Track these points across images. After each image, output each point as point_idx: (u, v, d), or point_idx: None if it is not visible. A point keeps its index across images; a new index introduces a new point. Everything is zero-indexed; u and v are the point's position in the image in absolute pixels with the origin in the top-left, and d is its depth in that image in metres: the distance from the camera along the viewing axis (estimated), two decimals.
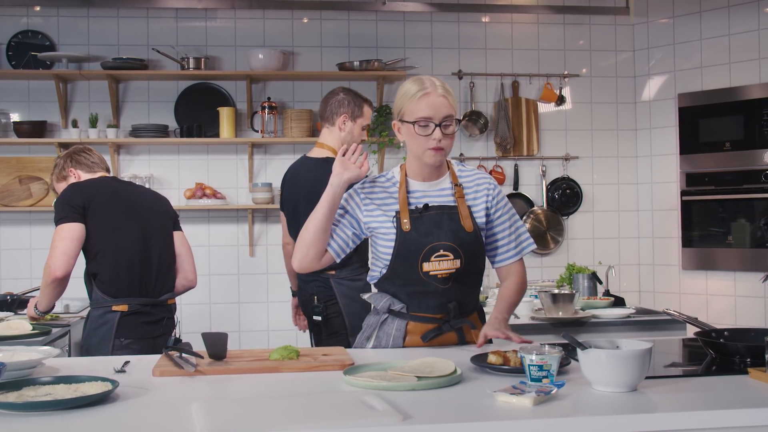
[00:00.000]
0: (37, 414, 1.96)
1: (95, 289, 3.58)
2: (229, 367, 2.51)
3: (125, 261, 3.58)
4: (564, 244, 6.41)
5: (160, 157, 6.01)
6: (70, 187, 3.64)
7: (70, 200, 3.52)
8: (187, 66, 5.85)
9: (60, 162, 3.85)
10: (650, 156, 6.40)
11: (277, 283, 5.93)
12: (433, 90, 2.71)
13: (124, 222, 3.62)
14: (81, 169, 3.81)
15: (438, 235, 2.74)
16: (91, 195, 3.57)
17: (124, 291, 3.58)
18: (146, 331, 3.60)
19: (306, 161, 4.19)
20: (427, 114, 2.69)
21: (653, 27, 6.37)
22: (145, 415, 1.98)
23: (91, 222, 3.52)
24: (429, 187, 2.83)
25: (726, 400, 2.06)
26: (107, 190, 3.67)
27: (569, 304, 4.17)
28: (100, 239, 3.54)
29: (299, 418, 1.87)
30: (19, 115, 5.90)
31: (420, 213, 2.76)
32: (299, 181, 4.14)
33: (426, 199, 2.81)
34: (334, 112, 4.12)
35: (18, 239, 5.88)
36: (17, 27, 5.89)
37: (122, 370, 2.50)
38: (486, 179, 2.88)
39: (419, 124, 2.70)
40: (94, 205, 3.54)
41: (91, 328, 3.56)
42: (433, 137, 2.69)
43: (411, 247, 2.73)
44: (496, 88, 6.33)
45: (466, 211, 2.79)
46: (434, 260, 2.73)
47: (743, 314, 5.86)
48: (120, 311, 3.53)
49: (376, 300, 2.86)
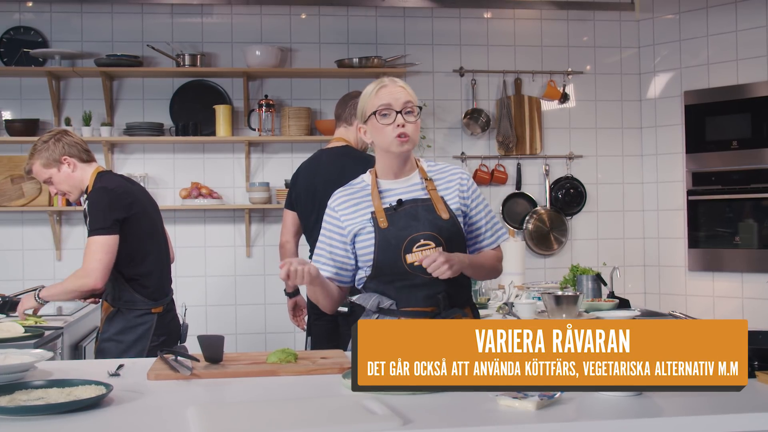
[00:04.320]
0: (29, 418, 1.97)
1: (132, 293, 3.65)
2: (226, 371, 2.51)
3: (160, 264, 3.77)
4: (567, 244, 6.36)
5: (155, 155, 5.96)
6: (103, 193, 3.58)
7: (111, 209, 3.54)
8: (183, 63, 5.81)
9: (48, 146, 3.68)
10: (656, 155, 6.37)
11: (274, 285, 5.86)
12: (391, 83, 2.78)
13: (152, 226, 3.77)
14: (76, 158, 3.71)
15: (416, 226, 2.76)
16: (129, 204, 3.62)
17: (161, 293, 3.74)
18: (174, 326, 3.82)
19: (325, 152, 4.24)
20: (387, 101, 2.74)
21: (659, 23, 6.34)
22: (139, 420, 1.99)
23: (129, 229, 3.59)
24: (399, 184, 2.86)
25: (733, 404, 2.04)
26: (135, 194, 3.72)
27: (573, 306, 4.10)
28: (138, 246, 3.64)
29: (297, 423, 1.89)
30: (11, 113, 5.85)
31: (395, 209, 2.78)
32: (320, 170, 4.16)
33: (398, 196, 2.83)
34: (352, 113, 4.21)
35: (10, 240, 5.82)
36: (9, 23, 5.84)
37: (116, 374, 2.51)
38: (458, 171, 2.93)
39: (380, 113, 2.74)
40: (132, 216, 3.62)
41: (127, 327, 3.64)
42: (396, 123, 2.72)
43: (392, 241, 2.74)
44: (498, 85, 6.27)
45: (440, 201, 2.81)
46: (416, 250, 2.74)
47: (751, 316, 5.78)
48: (157, 312, 3.69)
49: (364, 300, 2.84)
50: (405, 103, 2.74)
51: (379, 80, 2.82)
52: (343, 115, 4.28)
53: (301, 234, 4.36)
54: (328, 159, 4.17)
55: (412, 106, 2.75)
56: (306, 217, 4.22)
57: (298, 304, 4.51)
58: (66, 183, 3.72)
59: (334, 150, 4.21)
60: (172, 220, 5.83)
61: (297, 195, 4.26)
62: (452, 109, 6.21)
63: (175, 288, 3.93)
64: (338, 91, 5.51)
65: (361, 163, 4.01)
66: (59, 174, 3.70)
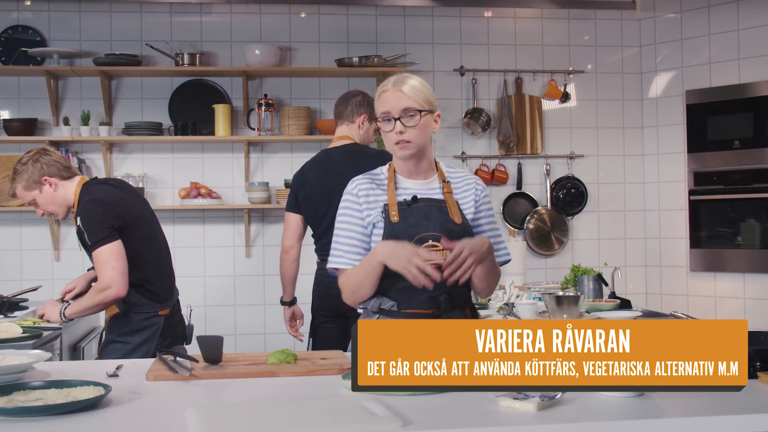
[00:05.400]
0: (27, 419, 1.96)
1: (139, 296, 3.64)
2: (225, 372, 2.51)
3: (162, 266, 3.75)
4: (568, 244, 6.34)
5: (153, 155, 5.94)
6: (92, 205, 3.57)
7: (104, 219, 3.53)
8: (182, 62, 5.78)
9: (27, 169, 3.69)
10: (657, 154, 6.35)
11: (274, 285, 5.77)
12: (392, 86, 2.76)
13: (149, 229, 3.75)
14: (56, 177, 3.69)
15: (426, 225, 2.73)
16: (120, 211, 3.60)
17: (166, 294, 3.74)
18: (180, 328, 3.82)
19: (335, 151, 4.20)
20: (385, 109, 2.74)
21: (660, 22, 6.32)
22: (138, 421, 1.98)
23: (125, 236, 3.56)
24: (417, 185, 2.83)
25: (735, 405, 2.03)
26: (125, 202, 3.69)
27: (574, 307, 4.10)
28: (140, 251, 3.63)
29: (297, 424, 1.88)
30: (9, 113, 5.83)
31: (408, 205, 2.76)
32: (334, 168, 4.09)
33: (414, 194, 2.80)
34: (354, 112, 4.26)
35: (8, 240, 5.80)
36: (7, 22, 5.82)
37: (115, 375, 2.51)
38: (474, 180, 2.91)
39: (382, 120, 2.76)
40: (125, 221, 3.59)
41: (134, 329, 3.63)
42: (395, 131, 2.72)
43: (400, 237, 2.70)
44: (499, 84, 6.25)
45: (455, 205, 2.80)
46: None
47: (753, 317, 5.75)
48: (164, 315, 3.69)
49: (365, 301, 2.81)
50: (403, 110, 2.71)
51: (385, 81, 2.81)
52: (344, 113, 4.27)
53: (303, 238, 4.29)
54: (340, 157, 4.12)
55: (413, 111, 2.71)
56: (319, 217, 4.12)
57: (295, 314, 4.48)
58: (50, 203, 3.72)
59: (345, 147, 4.18)
60: (171, 220, 5.81)
61: (306, 196, 4.15)
62: (453, 108, 6.19)
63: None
64: (338, 91, 5.46)
65: (377, 159, 3.81)
66: (42, 195, 3.70)
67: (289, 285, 4.40)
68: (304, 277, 4.36)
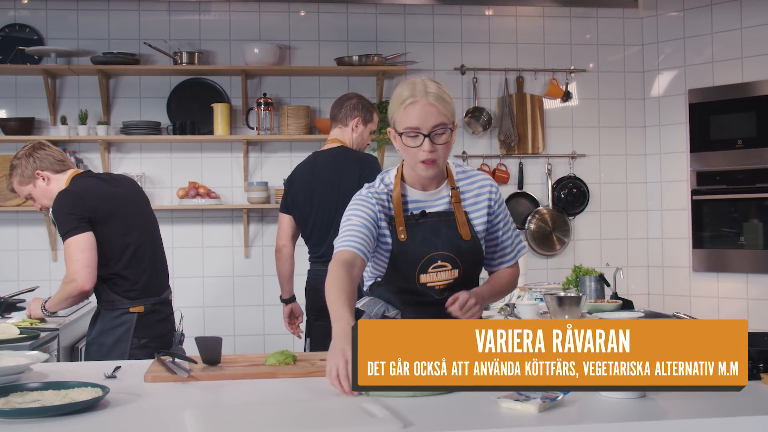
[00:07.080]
0: (24, 421, 1.96)
1: (109, 292, 3.61)
2: (224, 373, 2.51)
3: (138, 263, 3.64)
4: (570, 245, 6.32)
5: (152, 155, 5.91)
6: (65, 196, 3.54)
7: (74, 210, 3.48)
8: (180, 61, 5.76)
9: (21, 163, 3.69)
10: (659, 154, 6.33)
11: (273, 286, 5.75)
12: (422, 97, 2.53)
13: (130, 224, 3.66)
14: (48, 170, 3.68)
15: (436, 244, 2.66)
16: (93, 204, 3.54)
17: (139, 292, 3.64)
18: (161, 329, 3.68)
19: (321, 154, 4.25)
20: (415, 124, 2.53)
21: (662, 20, 6.30)
22: (136, 423, 1.98)
23: (98, 230, 3.52)
24: (427, 197, 2.71)
25: (737, 406, 2.02)
26: (104, 195, 3.63)
27: (576, 308, 4.09)
28: (111, 246, 3.56)
29: (296, 425, 1.88)
30: (6, 112, 5.81)
31: (416, 220, 2.66)
32: (317, 172, 4.15)
33: (423, 209, 2.69)
34: (348, 115, 4.30)
35: (5, 240, 5.79)
36: (4, 20, 5.80)
37: (113, 376, 2.50)
38: (488, 184, 2.77)
39: (407, 135, 2.55)
40: (99, 214, 3.54)
41: (106, 328, 3.60)
42: (423, 149, 2.53)
43: (408, 258, 2.64)
44: (500, 83, 6.23)
45: (463, 218, 2.69)
46: (432, 271, 2.67)
47: (756, 318, 5.75)
48: (137, 312, 3.60)
49: (369, 306, 2.78)
50: (434, 126, 2.52)
51: (410, 86, 2.57)
52: (338, 116, 4.31)
53: (297, 237, 4.39)
54: (325, 160, 4.18)
55: (444, 128, 2.54)
56: (304, 219, 4.21)
57: (294, 311, 4.52)
58: (45, 197, 3.70)
59: (330, 151, 4.21)
60: (169, 220, 5.79)
61: (294, 198, 4.25)
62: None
63: (172, 289, 3.88)
64: (338, 90, 5.47)
65: (359, 163, 4.08)
66: (36, 190, 3.69)
67: (286, 283, 4.47)
68: (300, 277, 4.40)
